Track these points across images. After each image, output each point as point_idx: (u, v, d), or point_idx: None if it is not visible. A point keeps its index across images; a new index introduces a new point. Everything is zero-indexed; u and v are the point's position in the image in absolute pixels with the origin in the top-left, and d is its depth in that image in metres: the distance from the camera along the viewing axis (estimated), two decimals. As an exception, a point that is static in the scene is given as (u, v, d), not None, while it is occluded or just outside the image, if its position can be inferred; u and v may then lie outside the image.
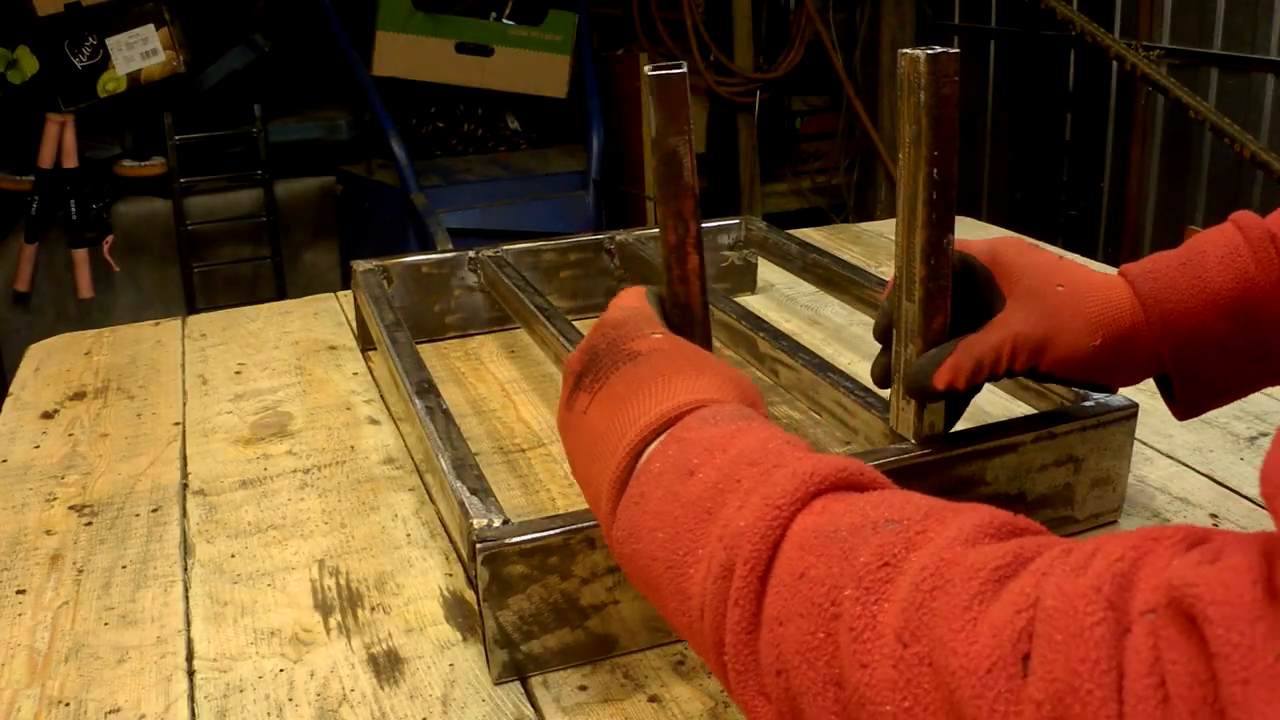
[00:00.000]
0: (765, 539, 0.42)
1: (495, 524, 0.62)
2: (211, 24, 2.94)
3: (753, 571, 0.42)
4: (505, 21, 2.97)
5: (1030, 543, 0.37)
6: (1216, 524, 0.77)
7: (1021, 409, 0.80)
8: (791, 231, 1.25)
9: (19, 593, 0.72)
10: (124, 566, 0.75)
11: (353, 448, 0.91)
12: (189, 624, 0.68)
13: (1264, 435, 0.89)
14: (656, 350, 0.55)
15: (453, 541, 0.76)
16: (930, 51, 0.60)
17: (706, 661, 0.45)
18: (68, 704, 0.61)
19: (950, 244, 0.64)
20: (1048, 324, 0.64)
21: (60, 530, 0.80)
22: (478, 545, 0.60)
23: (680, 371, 0.53)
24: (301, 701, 0.61)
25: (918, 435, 0.70)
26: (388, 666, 0.64)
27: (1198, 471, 0.84)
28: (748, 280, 1.25)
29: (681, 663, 0.64)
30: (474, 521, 0.62)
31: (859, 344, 1.09)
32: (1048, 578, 0.34)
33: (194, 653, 0.66)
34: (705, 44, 3.46)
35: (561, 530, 0.61)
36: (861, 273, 1.04)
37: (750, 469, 0.46)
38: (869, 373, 0.73)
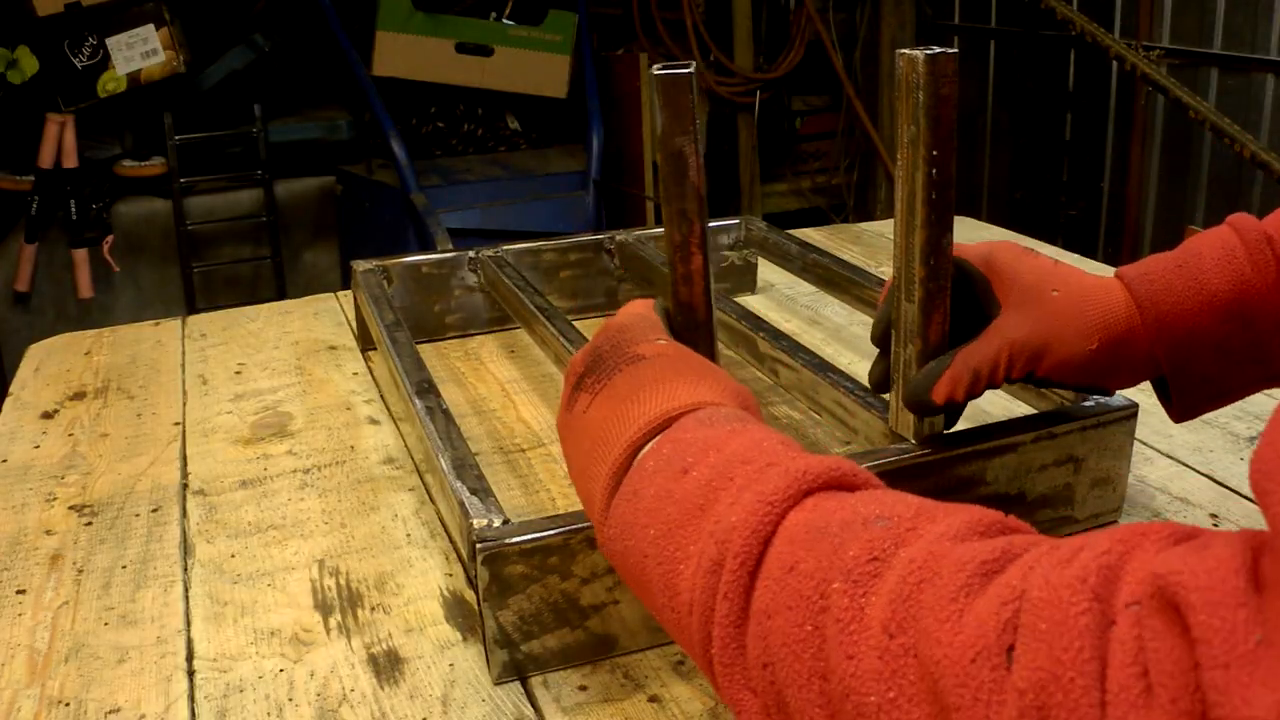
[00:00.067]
0: (756, 534, 0.42)
1: (495, 524, 0.62)
2: (211, 24, 2.94)
3: (743, 566, 0.42)
4: (505, 21, 2.97)
5: (1019, 540, 0.37)
6: (1216, 524, 0.77)
7: (1021, 409, 0.80)
8: (791, 231, 1.25)
9: (19, 593, 0.72)
10: (124, 566, 0.75)
11: (353, 448, 0.91)
12: (189, 624, 0.68)
13: (1264, 435, 0.88)
14: (660, 355, 0.56)
15: (453, 541, 0.77)
16: (929, 52, 0.60)
17: (693, 657, 0.45)
18: (68, 704, 0.61)
19: (949, 244, 0.64)
20: (1044, 330, 0.64)
21: (60, 530, 0.80)
22: (478, 545, 0.60)
23: (681, 376, 0.53)
24: (301, 701, 0.61)
25: (918, 435, 0.70)
26: (388, 666, 0.64)
27: (1198, 471, 0.84)
28: (748, 280, 1.25)
29: (681, 663, 0.64)
30: (474, 521, 0.62)
31: (859, 344, 1.09)
32: (1034, 571, 0.34)
33: (194, 653, 0.66)
34: (705, 44, 3.46)
35: (561, 530, 0.61)
36: (861, 273, 1.04)
37: (744, 467, 0.46)
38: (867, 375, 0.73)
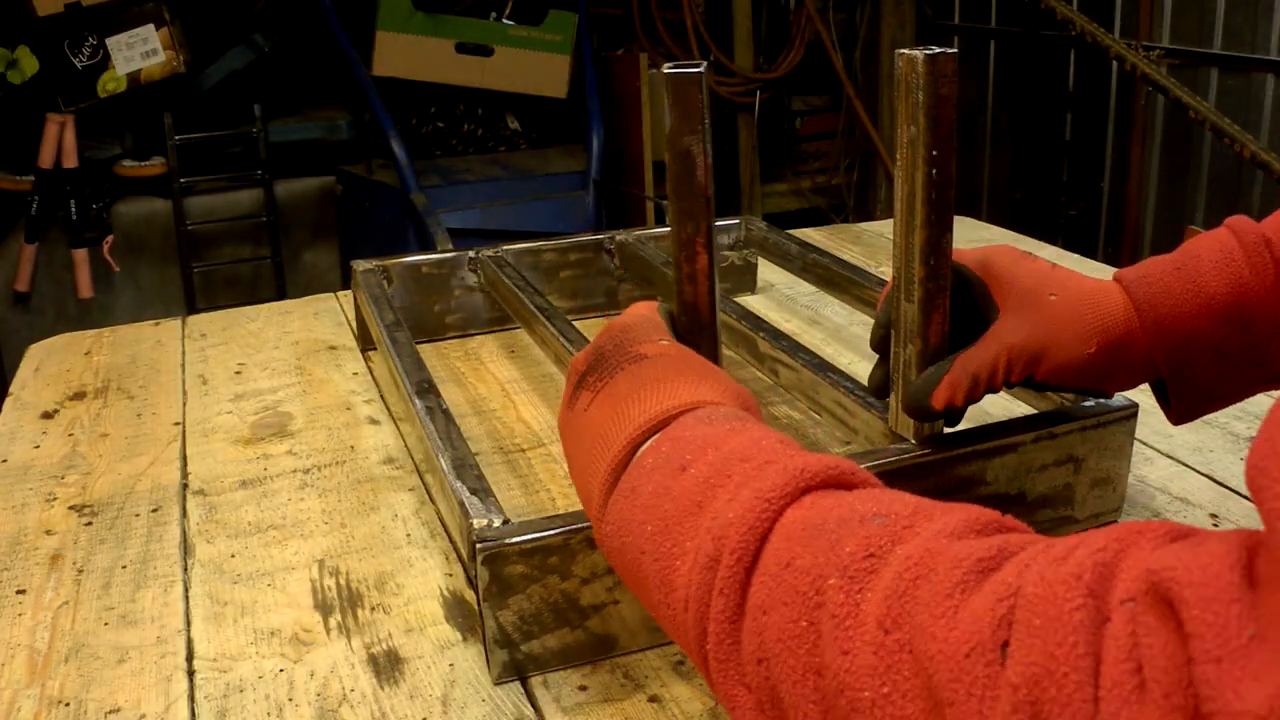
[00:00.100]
0: (753, 530, 0.42)
1: (495, 524, 0.62)
2: (211, 24, 2.94)
3: (739, 562, 0.42)
4: (505, 21, 2.97)
5: (1015, 539, 0.37)
6: (1216, 524, 0.77)
7: (1021, 409, 0.80)
8: (791, 231, 1.25)
9: (19, 593, 0.72)
10: (124, 566, 0.75)
11: (353, 448, 0.91)
12: (189, 624, 0.68)
13: (1264, 435, 0.88)
14: (662, 355, 0.56)
15: (453, 541, 0.77)
16: (929, 52, 0.60)
17: (687, 652, 0.45)
18: (68, 704, 0.61)
19: (949, 244, 0.64)
20: (1042, 334, 0.64)
21: (60, 530, 0.80)
22: (478, 545, 0.60)
23: (682, 376, 0.54)
24: (301, 701, 0.61)
25: (918, 435, 0.70)
26: (388, 666, 0.64)
27: (1198, 471, 0.84)
28: (748, 280, 1.25)
29: (681, 663, 0.64)
30: (474, 521, 0.62)
31: (859, 344, 1.09)
32: (1030, 569, 0.34)
33: (194, 653, 0.66)
34: (705, 44, 3.46)
35: (561, 530, 0.61)
36: (861, 273, 1.04)
37: (742, 465, 0.46)
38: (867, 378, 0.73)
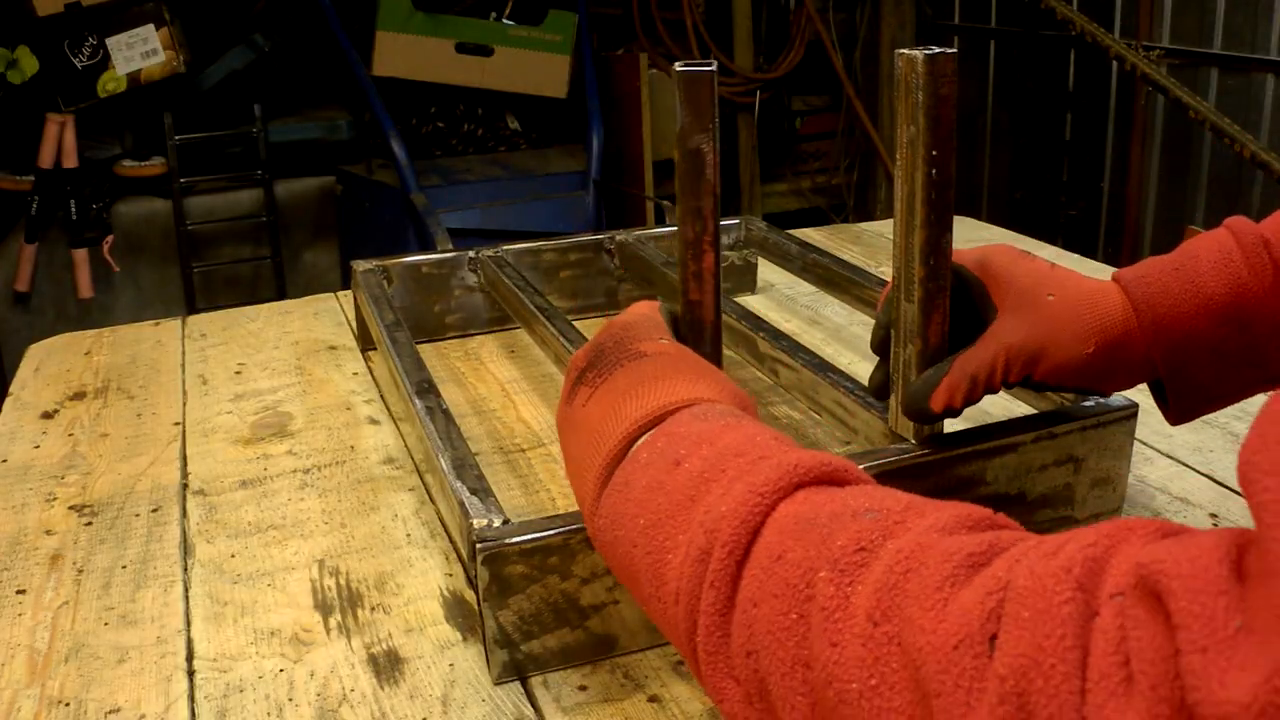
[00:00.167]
0: (746, 524, 0.43)
1: (495, 524, 0.62)
2: (211, 24, 2.94)
3: (730, 555, 0.42)
4: (505, 21, 2.97)
5: (1006, 535, 0.37)
6: (1216, 524, 0.77)
7: (1021, 409, 0.80)
8: (791, 231, 1.25)
9: (19, 593, 0.72)
10: (124, 566, 0.75)
11: (353, 448, 0.91)
12: (189, 624, 0.68)
13: (1264, 435, 0.88)
14: (662, 354, 0.56)
15: (453, 541, 0.77)
16: (928, 52, 0.60)
17: (676, 645, 0.45)
18: (68, 704, 0.61)
19: (949, 244, 0.64)
20: (1040, 335, 0.64)
21: (60, 530, 0.80)
22: (478, 545, 0.60)
23: (680, 374, 0.54)
24: (301, 701, 0.61)
25: (918, 435, 0.70)
26: (388, 666, 0.64)
27: (1198, 471, 0.84)
28: (748, 280, 1.25)
29: (681, 663, 0.64)
30: (474, 521, 0.62)
31: (859, 344, 1.09)
32: (1020, 564, 0.34)
33: (194, 653, 0.66)
34: (705, 44, 3.46)
35: (561, 530, 0.61)
36: (861, 273, 1.04)
37: (736, 460, 0.46)
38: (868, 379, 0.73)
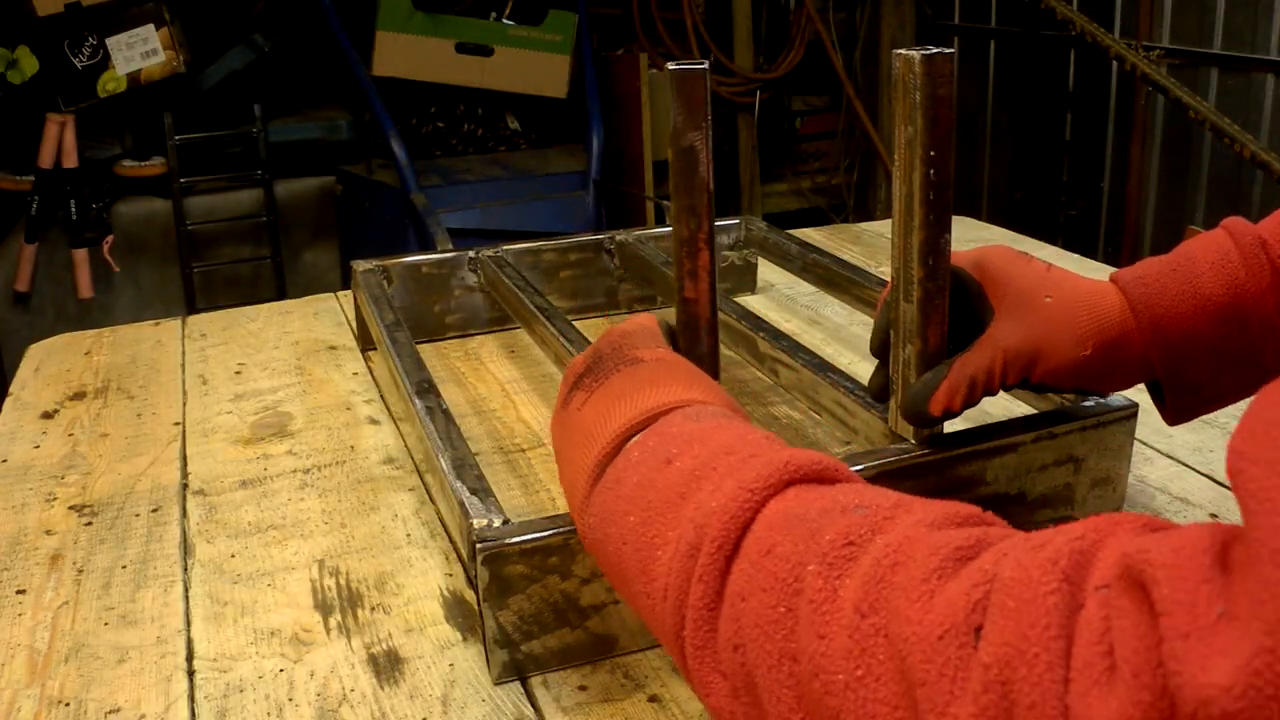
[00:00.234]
0: (735, 519, 0.43)
1: (495, 524, 0.62)
2: (211, 24, 2.94)
3: (720, 550, 0.42)
4: (505, 21, 2.97)
5: (994, 531, 0.38)
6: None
7: (1021, 409, 0.80)
8: (791, 231, 1.25)
9: (19, 593, 0.72)
10: (124, 566, 0.75)
11: (353, 448, 0.91)
12: (189, 624, 0.68)
13: (1263, 435, 0.88)
14: (658, 360, 0.57)
15: (453, 541, 0.77)
16: (925, 52, 0.60)
17: (663, 641, 0.45)
18: (68, 704, 0.61)
19: (948, 244, 0.64)
20: (1037, 337, 0.64)
21: (60, 530, 0.80)
22: (478, 545, 0.60)
23: (675, 379, 0.55)
24: (301, 701, 0.61)
25: (918, 435, 0.70)
26: (388, 666, 0.64)
27: (1198, 471, 0.84)
28: (748, 280, 1.25)
29: (681, 663, 0.64)
30: (474, 521, 0.62)
31: (859, 344, 1.09)
32: (1007, 557, 0.35)
33: (194, 653, 0.66)
34: (705, 44, 3.46)
35: (561, 530, 0.61)
36: (861, 273, 1.04)
37: (727, 458, 0.46)
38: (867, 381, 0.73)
